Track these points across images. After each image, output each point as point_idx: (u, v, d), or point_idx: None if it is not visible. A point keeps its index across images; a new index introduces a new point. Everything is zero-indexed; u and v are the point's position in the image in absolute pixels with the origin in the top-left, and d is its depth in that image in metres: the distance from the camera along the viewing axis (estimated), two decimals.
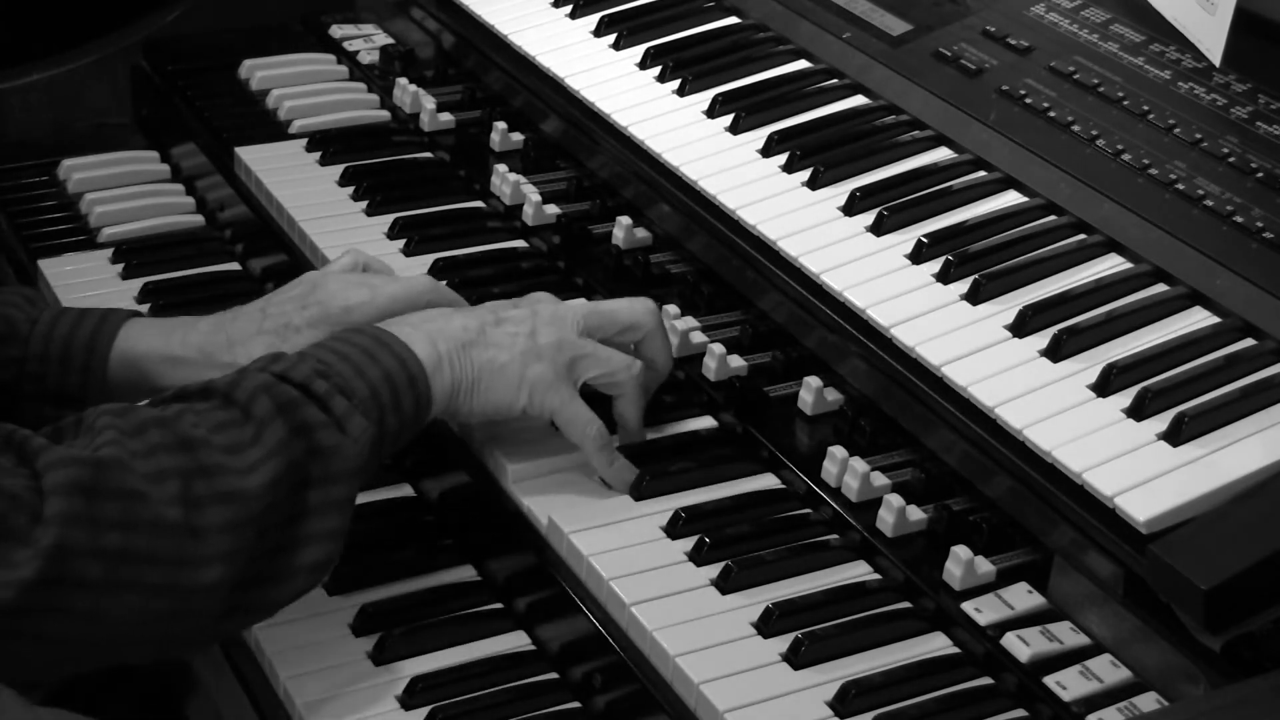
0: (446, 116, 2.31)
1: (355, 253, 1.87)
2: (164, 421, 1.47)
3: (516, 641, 1.65)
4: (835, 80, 2.06)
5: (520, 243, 2.10)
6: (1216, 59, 1.81)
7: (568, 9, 2.27)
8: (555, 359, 1.66)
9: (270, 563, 1.49)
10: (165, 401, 1.53)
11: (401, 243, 2.07)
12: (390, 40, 2.55)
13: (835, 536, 1.65)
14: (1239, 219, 1.67)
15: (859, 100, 2.03)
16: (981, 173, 1.87)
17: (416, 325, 1.64)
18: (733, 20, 2.23)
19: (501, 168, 2.16)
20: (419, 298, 1.78)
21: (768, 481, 1.72)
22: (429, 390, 1.60)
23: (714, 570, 1.59)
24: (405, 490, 1.83)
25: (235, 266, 2.25)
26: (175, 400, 1.52)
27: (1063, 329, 1.62)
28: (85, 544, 1.38)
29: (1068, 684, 1.45)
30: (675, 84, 2.08)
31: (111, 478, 1.41)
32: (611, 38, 2.20)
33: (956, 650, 1.53)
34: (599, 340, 1.71)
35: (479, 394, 1.64)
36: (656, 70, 2.11)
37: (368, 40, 2.55)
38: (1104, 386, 1.56)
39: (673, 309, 1.88)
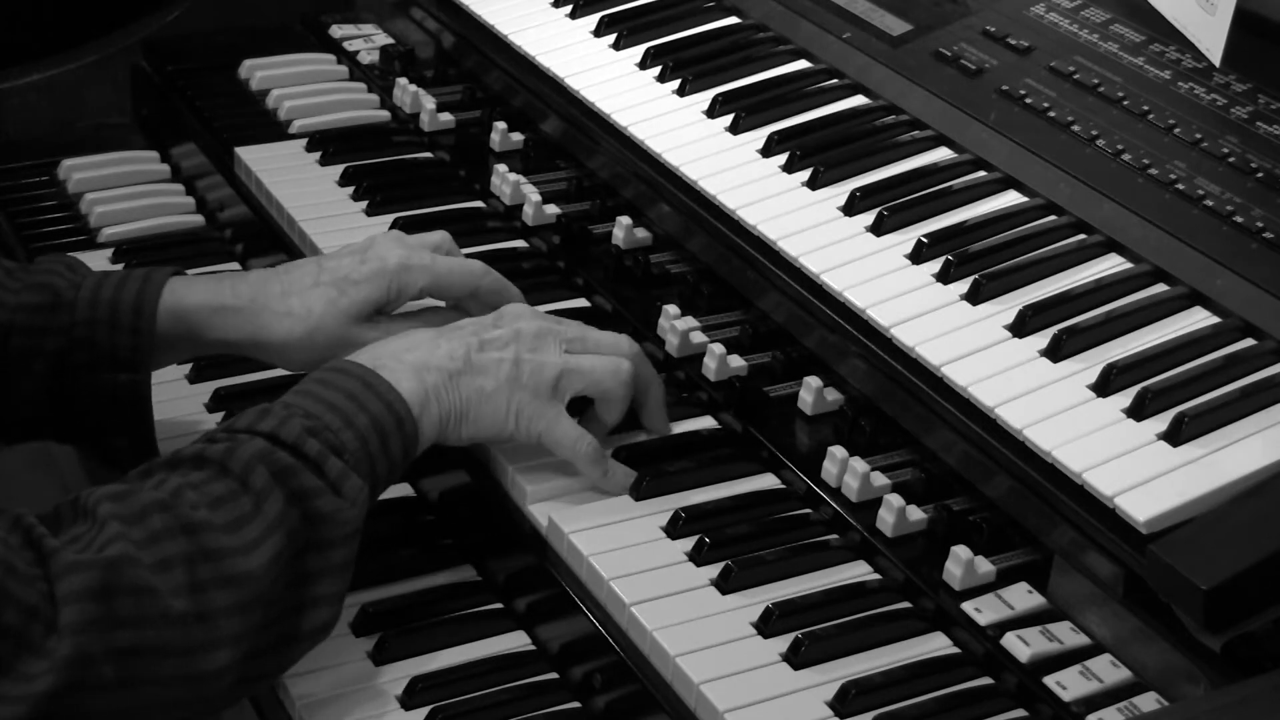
0: (446, 116, 2.31)
1: (446, 235, 1.86)
2: (164, 505, 1.43)
3: (516, 641, 1.65)
4: (835, 80, 2.06)
5: (520, 243, 2.10)
6: (1216, 59, 1.81)
7: (568, 9, 2.27)
8: (539, 381, 1.65)
9: (275, 633, 1.48)
10: (160, 469, 1.49)
11: None
12: (390, 40, 2.55)
13: (835, 536, 1.65)
14: (1239, 219, 1.67)
15: (859, 100, 2.03)
16: (981, 173, 1.87)
17: (401, 358, 1.62)
18: (733, 20, 2.23)
19: (501, 168, 2.16)
20: (472, 278, 1.79)
21: (768, 481, 1.72)
22: (416, 431, 1.59)
23: (714, 570, 1.59)
24: (405, 490, 1.82)
25: (235, 266, 2.25)
26: (169, 468, 1.49)
27: (1063, 329, 1.62)
28: (100, 649, 1.36)
29: (1068, 684, 1.45)
30: (675, 84, 2.08)
31: (123, 576, 1.38)
32: (611, 38, 2.20)
33: (956, 650, 1.53)
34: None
35: (468, 423, 1.63)
36: (656, 70, 2.11)
37: (368, 40, 2.55)
38: (1104, 386, 1.56)
39: (673, 309, 1.88)
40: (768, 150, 1.94)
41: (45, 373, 1.74)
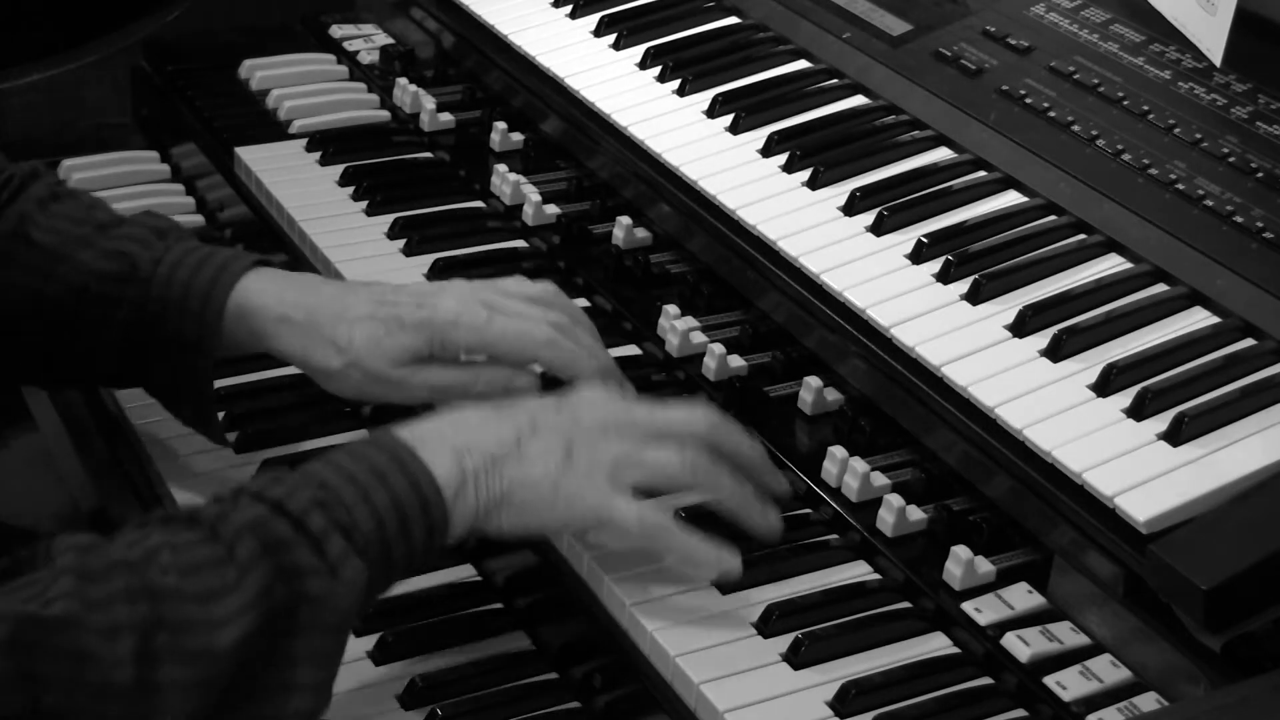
0: (446, 116, 2.31)
1: (547, 287, 1.75)
2: (132, 566, 1.33)
3: (516, 641, 1.65)
4: (835, 80, 2.06)
5: (520, 243, 2.10)
6: (1217, 59, 1.81)
7: (568, 9, 2.27)
8: (593, 468, 1.51)
9: (242, 717, 1.37)
10: (153, 523, 1.40)
11: (401, 242, 2.07)
12: (390, 40, 2.55)
13: (835, 536, 1.64)
14: (1239, 219, 1.67)
15: (859, 100, 2.03)
16: (981, 173, 1.87)
17: (445, 436, 1.50)
18: (733, 20, 2.23)
19: (501, 168, 2.16)
20: (530, 347, 1.67)
21: None
22: (445, 516, 1.46)
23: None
24: None
25: None
26: (161, 524, 1.39)
27: (1063, 329, 1.62)
28: (19, 706, 1.26)
29: (1068, 684, 1.45)
30: (675, 84, 2.08)
31: (57, 638, 1.28)
32: (611, 38, 2.20)
33: (956, 650, 1.53)
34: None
35: (509, 512, 1.50)
36: (656, 70, 2.11)
37: (368, 40, 2.55)
38: (1104, 386, 1.56)
39: (673, 309, 1.88)
40: (768, 150, 1.94)
41: (118, 340, 1.74)
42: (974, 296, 1.69)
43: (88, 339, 1.75)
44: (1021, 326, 1.64)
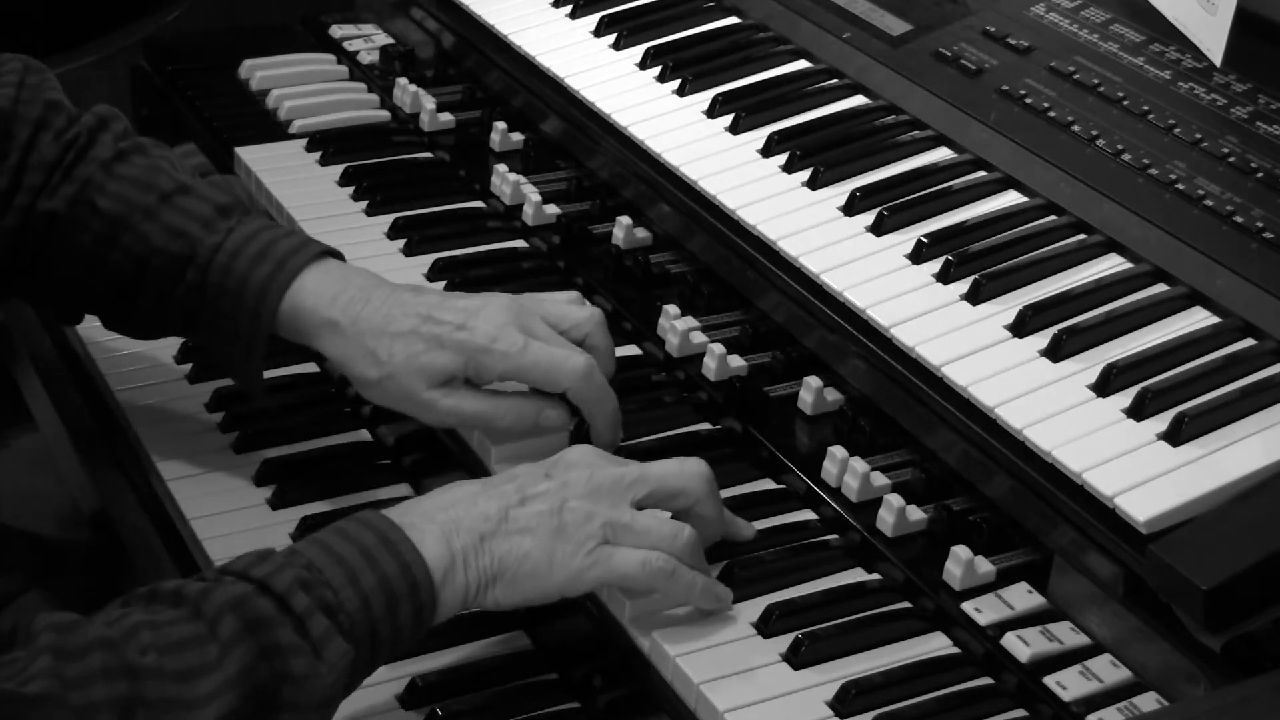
0: (446, 116, 2.31)
1: (593, 315, 1.74)
2: (110, 644, 1.31)
3: (517, 641, 1.65)
4: (835, 80, 2.06)
5: (520, 243, 2.10)
6: (1217, 59, 1.81)
7: (568, 9, 2.27)
8: (585, 532, 1.51)
9: None
10: (136, 600, 1.39)
11: (401, 242, 2.07)
12: (390, 40, 2.55)
13: (835, 537, 1.64)
14: (1239, 219, 1.67)
15: (859, 100, 2.03)
16: (981, 173, 1.87)
17: (433, 517, 1.49)
18: (733, 20, 2.23)
19: (501, 168, 2.16)
20: (561, 378, 1.67)
21: (767, 482, 1.72)
22: (434, 598, 1.45)
23: (714, 570, 1.58)
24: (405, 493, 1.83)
25: None
26: (144, 600, 1.38)
27: (1063, 329, 1.62)
28: None
29: (1068, 684, 1.45)
30: (675, 84, 2.08)
31: (34, 716, 1.26)
32: (611, 38, 2.20)
33: (956, 650, 1.53)
34: (644, 504, 1.55)
35: (504, 586, 1.49)
36: (656, 70, 2.11)
37: (368, 40, 2.54)
38: (1104, 386, 1.56)
39: (673, 309, 1.88)
40: (768, 150, 1.94)
41: (178, 311, 1.77)
42: (974, 296, 1.69)
43: (150, 302, 1.78)
44: (1021, 326, 1.64)
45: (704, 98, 2.05)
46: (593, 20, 2.24)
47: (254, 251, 1.74)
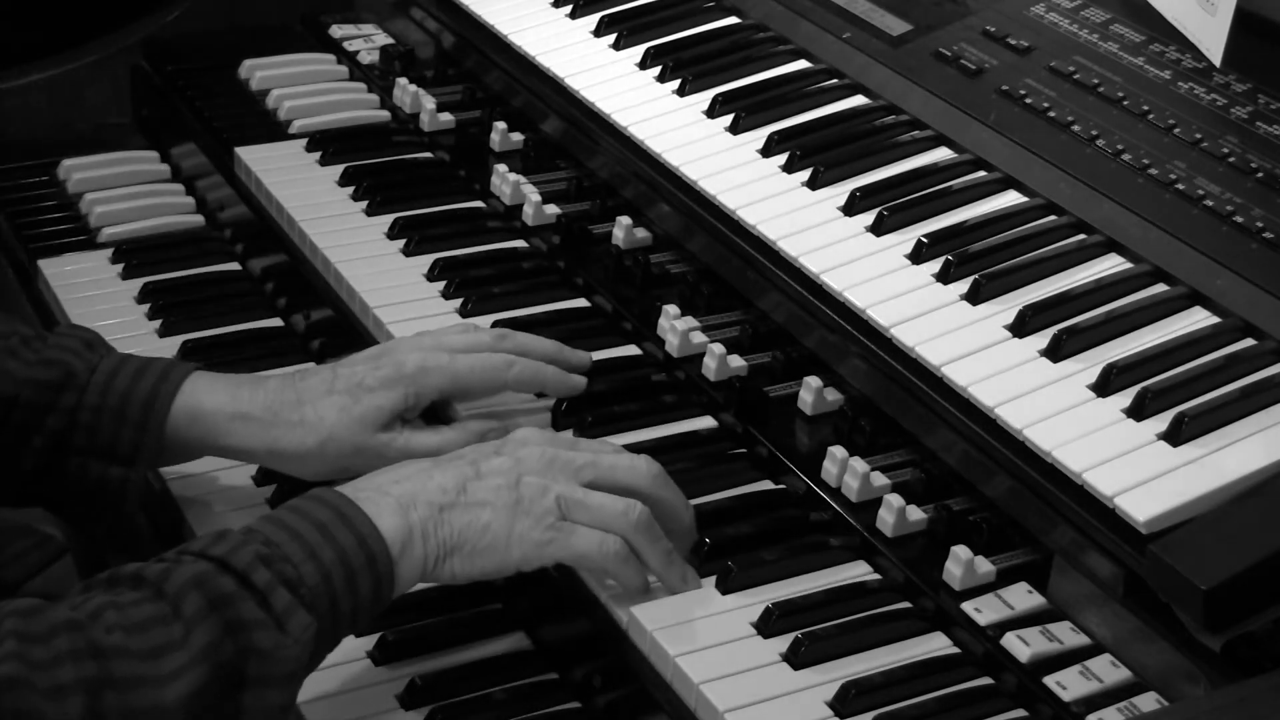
0: (446, 116, 2.31)
1: (504, 337, 1.79)
2: (76, 625, 1.32)
3: (517, 642, 1.65)
4: (835, 80, 2.06)
5: (520, 243, 2.10)
6: (1217, 59, 1.81)
7: (568, 9, 2.27)
8: (542, 507, 1.52)
9: None
10: (98, 584, 1.39)
11: (401, 243, 2.07)
12: (390, 40, 2.55)
13: (835, 537, 1.64)
14: (1239, 219, 1.67)
15: (859, 100, 2.03)
16: (981, 173, 1.87)
17: (387, 490, 1.50)
18: (733, 20, 2.23)
19: (501, 168, 2.16)
20: (496, 375, 1.73)
21: (767, 482, 1.72)
22: (392, 569, 1.46)
23: (714, 570, 1.59)
24: None
25: (235, 266, 2.25)
26: (106, 585, 1.39)
27: (1063, 329, 1.62)
28: None
29: (1068, 684, 1.45)
30: (675, 84, 2.08)
31: (2, 700, 1.26)
32: (611, 38, 2.20)
33: (956, 650, 1.53)
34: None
35: (462, 558, 1.50)
36: (656, 70, 2.11)
37: (368, 40, 2.55)
38: (1104, 386, 1.56)
39: (673, 309, 1.88)
40: (768, 150, 1.94)
41: (42, 449, 1.69)
42: (974, 296, 1.69)
43: (13, 449, 1.69)
44: (1021, 326, 1.64)
45: (704, 98, 2.05)
46: (593, 20, 2.24)
47: (132, 369, 1.71)
